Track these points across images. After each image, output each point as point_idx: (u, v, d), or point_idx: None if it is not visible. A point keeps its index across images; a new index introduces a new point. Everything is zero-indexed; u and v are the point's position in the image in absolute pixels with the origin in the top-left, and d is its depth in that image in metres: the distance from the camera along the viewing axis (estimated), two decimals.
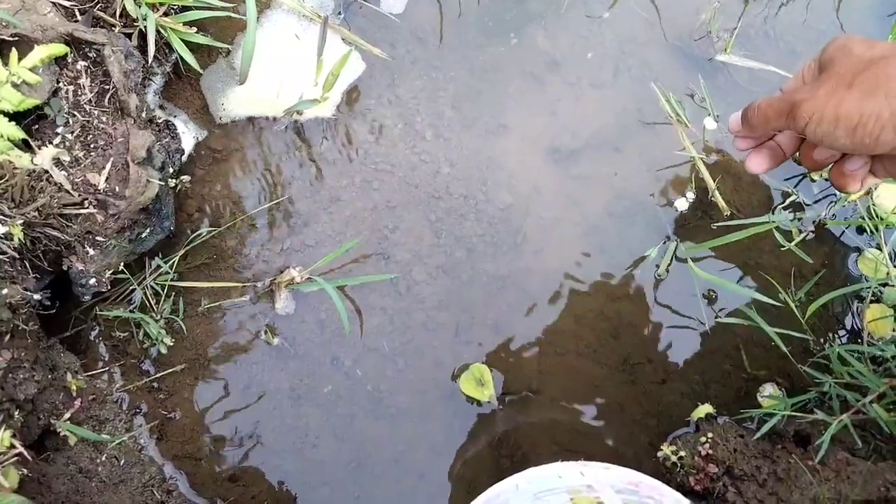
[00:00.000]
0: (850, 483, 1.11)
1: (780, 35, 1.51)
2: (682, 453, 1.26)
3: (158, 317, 1.33)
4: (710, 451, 1.23)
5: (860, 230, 1.40)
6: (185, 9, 1.33)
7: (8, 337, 1.12)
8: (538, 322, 1.41)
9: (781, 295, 1.36)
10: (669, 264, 1.40)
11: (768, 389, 1.34)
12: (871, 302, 1.35)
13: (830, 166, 0.79)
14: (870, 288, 1.35)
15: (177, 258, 1.34)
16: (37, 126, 1.18)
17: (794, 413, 1.23)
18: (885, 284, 1.35)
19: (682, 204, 1.44)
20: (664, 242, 1.42)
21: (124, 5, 1.25)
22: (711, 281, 1.34)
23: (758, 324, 1.30)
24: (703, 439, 1.26)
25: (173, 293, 1.35)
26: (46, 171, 1.13)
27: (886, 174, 0.75)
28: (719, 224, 1.40)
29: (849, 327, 1.40)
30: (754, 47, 1.49)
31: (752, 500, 1.18)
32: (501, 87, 1.48)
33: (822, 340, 1.39)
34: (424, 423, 1.38)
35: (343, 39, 1.44)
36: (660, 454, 1.30)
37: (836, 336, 1.40)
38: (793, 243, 1.38)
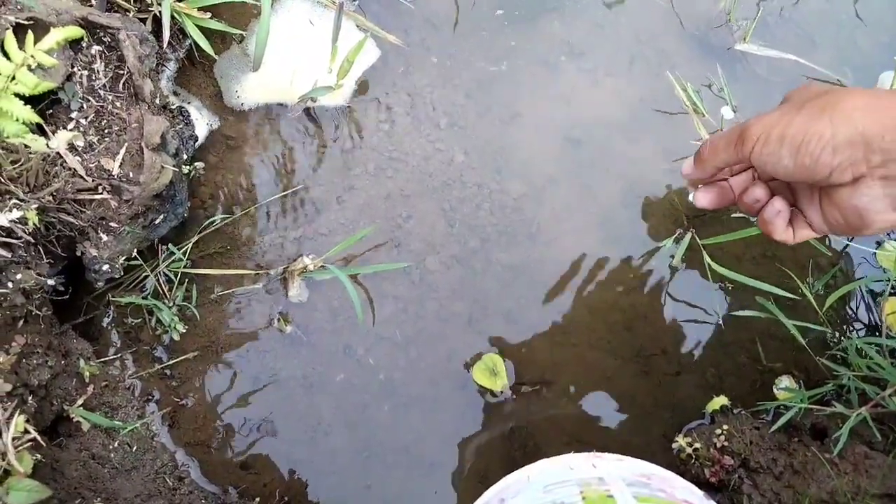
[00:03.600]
0: (869, 477, 1.10)
1: (798, 24, 1.50)
2: (698, 445, 1.25)
3: (171, 304, 1.33)
4: (726, 444, 1.22)
5: None
6: None
7: (22, 322, 1.12)
8: (551, 313, 1.40)
9: (799, 289, 1.34)
10: (684, 256, 1.38)
11: (784, 382, 1.33)
12: (890, 295, 1.34)
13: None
14: (889, 281, 1.34)
15: (190, 245, 1.34)
16: (51, 111, 1.18)
17: (811, 406, 1.22)
18: None
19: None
20: (679, 233, 1.40)
21: None
22: (729, 276, 1.32)
23: (775, 316, 1.29)
24: (718, 431, 1.25)
25: (186, 280, 1.35)
26: (60, 156, 1.13)
27: (824, 223, 0.76)
28: (737, 215, 1.39)
29: (866, 321, 1.39)
30: (773, 36, 1.48)
31: (768, 493, 1.17)
32: (516, 75, 1.47)
33: (838, 333, 1.37)
34: (436, 412, 1.38)
35: (357, 26, 1.43)
36: (675, 446, 1.29)
37: (853, 329, 1.38)
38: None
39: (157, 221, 1.27)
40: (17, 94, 1.05)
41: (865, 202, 0.68)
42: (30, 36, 1.05)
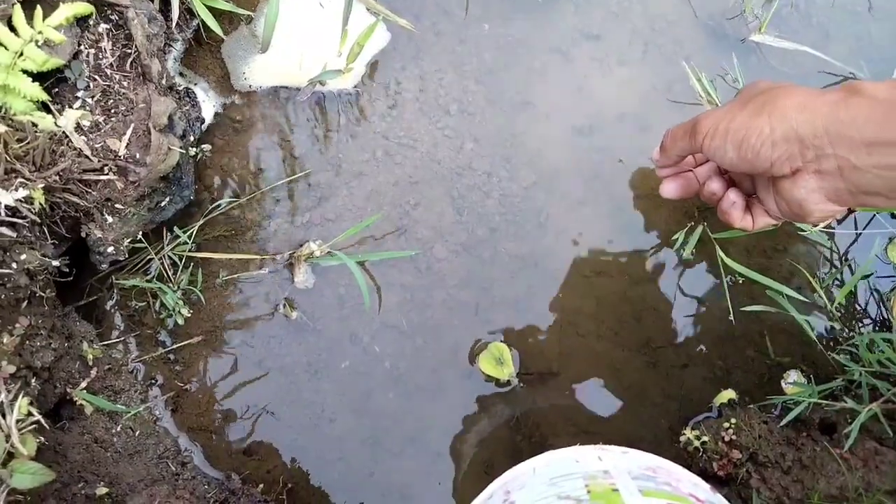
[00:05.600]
0: (879, 473, 1.09)
1: (813, 16, 1.48)
2: (705, 438, 1.25)
3: (176, 287, 1.31)
4: (734, 437, 1.22)
5: (893, 215, 1.38)
6: None
7: (25, 303, 1.11)
8: (559, 303, 1.39)
9: (809, 284, 1.33)
10: (695, 248, 1.37)
11: (793, 376, 1.33)
12: None
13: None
14: None
15: (195, 228, 1.32)
16: (56, 89, 1.16)
17: (819, 401, 1.21)
18: None
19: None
20: (690, 226, 1.39)
21: None
22: (741, 271, 1.31)
23: (786, 310, 1.28)
24: (726, 425, 1.24)
25: (191, 264, 1.33)
26: (67, 136, 1.11)
27: (778, 212, 0.82)
28: None
29: (876, 316, 1.38)
30: (788, 27, 1.46)
31: (777, 487, 1.16)
32: (527, 62, 1.45)
33: (847, 329, 1.37)
34: (442, 400, 1.37)
35: (368, 9, 1.41)
36: (682, 439, 1.28)
37: (863, 324, 1.38)
38: (818, 227, 1.35)
39: (162, 204, 1.26)
40: (24, 71, 1.03)
41: (803, 194, 0.74)
42: (38, 11, 1.03)
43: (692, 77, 1.40)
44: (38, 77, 1.07)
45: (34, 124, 1.03)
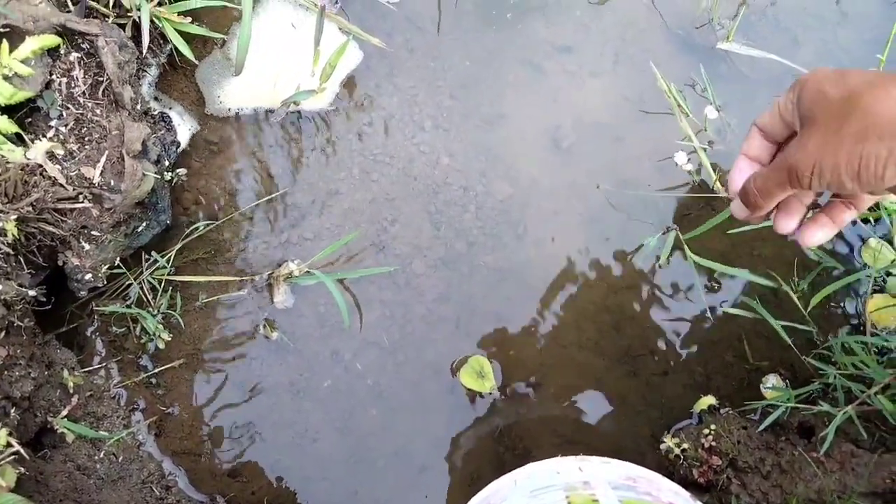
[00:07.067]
0: (856, 475, 1.10)
1: (781, 22, 1.50)
2: (686, 445, 1.25)
3: (156, 312, 1.31)
4: (714, 444, 1.23)
5: (864, 220, 1.39)
6: None
7: (3, 334, 1.11)
8: (539, 314, 1.40)
9: (784, 286, 1.34)
10: (670, 255, 1.38)
11: (771, 380, 1.34)
12: (874, 292, 1.34)
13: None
14: (872, 277, 1.34)
15: (173, 252, 1.33)
16: (30, 119, 1.16)
17: (797, 405, 1.22)
18: (889, 273, 1.34)
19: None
20: (664, 232, 1.40)
21: None
22: (708, 265, 1.31)
23: (762, 315, 1.29)
24: (706, 431, 1.25)
25: (170, 288, 1.33)
26: (40, 165, 1.11)
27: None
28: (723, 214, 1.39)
29: (850, 319, 1.39)
30: (756, 34, 1.48)
31: (756, 493, 1.17)
32: (500, 76, 1.46)
33: (824, 331, 1.38)
34: (425, 416, 1.37)
35: (340, 29, 1.42)
36: (663, 447, 1.29)
37: (838, 327, 1.39)
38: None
39: (139, 229, 1.26)
40: None
41: None
42: (4, 45, 1.04)
43: (660, 81, 1.41)
44: (8, 109, 1.07)
45: (4, 157, 1.03)
